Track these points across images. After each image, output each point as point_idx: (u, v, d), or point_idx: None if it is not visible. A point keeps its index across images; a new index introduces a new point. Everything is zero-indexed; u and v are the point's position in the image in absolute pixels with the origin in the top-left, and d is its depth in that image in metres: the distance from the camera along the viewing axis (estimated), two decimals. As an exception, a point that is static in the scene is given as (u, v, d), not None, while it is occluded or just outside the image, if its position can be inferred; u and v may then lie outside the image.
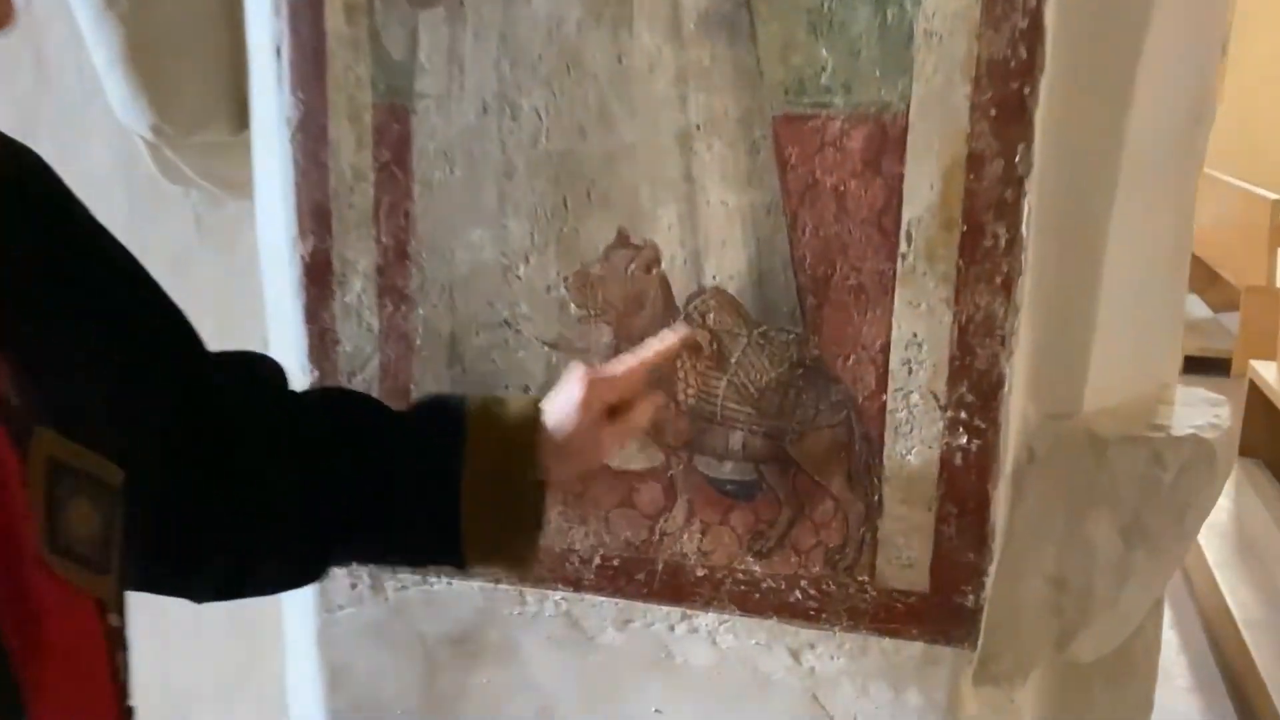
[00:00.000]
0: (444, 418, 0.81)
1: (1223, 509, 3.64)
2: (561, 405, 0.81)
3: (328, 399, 0.86)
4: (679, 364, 0.97)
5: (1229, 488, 3.77)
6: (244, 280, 1.44)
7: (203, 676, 1.61)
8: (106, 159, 1.45)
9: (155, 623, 0.74)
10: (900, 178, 0.88)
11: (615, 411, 0.83)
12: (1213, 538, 3.42)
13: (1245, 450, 4.10)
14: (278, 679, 1.53)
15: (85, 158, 1.44)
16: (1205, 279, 6.88)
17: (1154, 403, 1.04)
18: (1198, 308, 6.84)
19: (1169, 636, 3.15)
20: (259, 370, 0.81)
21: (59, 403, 0.57)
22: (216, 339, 1.50)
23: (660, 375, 0.94)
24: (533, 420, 0.81)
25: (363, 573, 1.10)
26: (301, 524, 0.76)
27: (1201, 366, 5.75)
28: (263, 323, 1.43)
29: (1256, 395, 4.00)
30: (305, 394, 0.84)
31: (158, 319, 0.73)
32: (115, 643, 0.59)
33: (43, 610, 0.53)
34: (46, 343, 0.60)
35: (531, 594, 1.07)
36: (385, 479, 0.78)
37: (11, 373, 0.55)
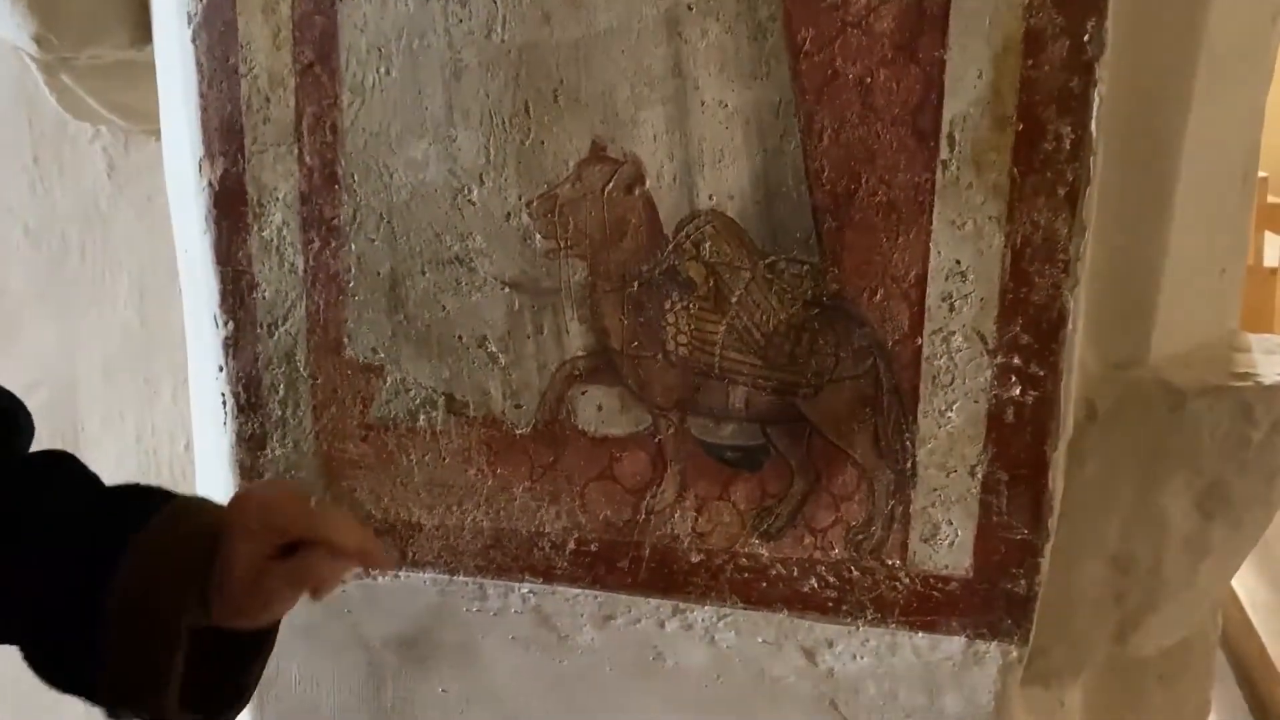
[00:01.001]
0: (112, 524, 0.58)
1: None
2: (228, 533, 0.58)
3: (26, 472, 0.61)
4: (668, 305, 0.80)
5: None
6: (166, 232, 1.26)
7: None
8: (4, 98, 1.26)
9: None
10: (941, 65, 0.71)
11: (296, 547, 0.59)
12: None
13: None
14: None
15: (-27, 96, 1.25)
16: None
17: (1229, 349, 0.88)
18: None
19: (1173, 623, 3.03)
20: None
21: None
22: (138, 295, 1.33)
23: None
24: (208, 539, 0.58)
25: (291, 565, 0.92)
26: None
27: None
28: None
29: (1253, 373, 3.89)
30: (25, 460, 0.61)
31: None
32: None
33: None
34: None
35: (494, 586, 0.90)
36: (39, 577, 0.57)
37: None
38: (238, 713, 0.62)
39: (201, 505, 0.61)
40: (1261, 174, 5.10)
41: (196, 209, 0.87)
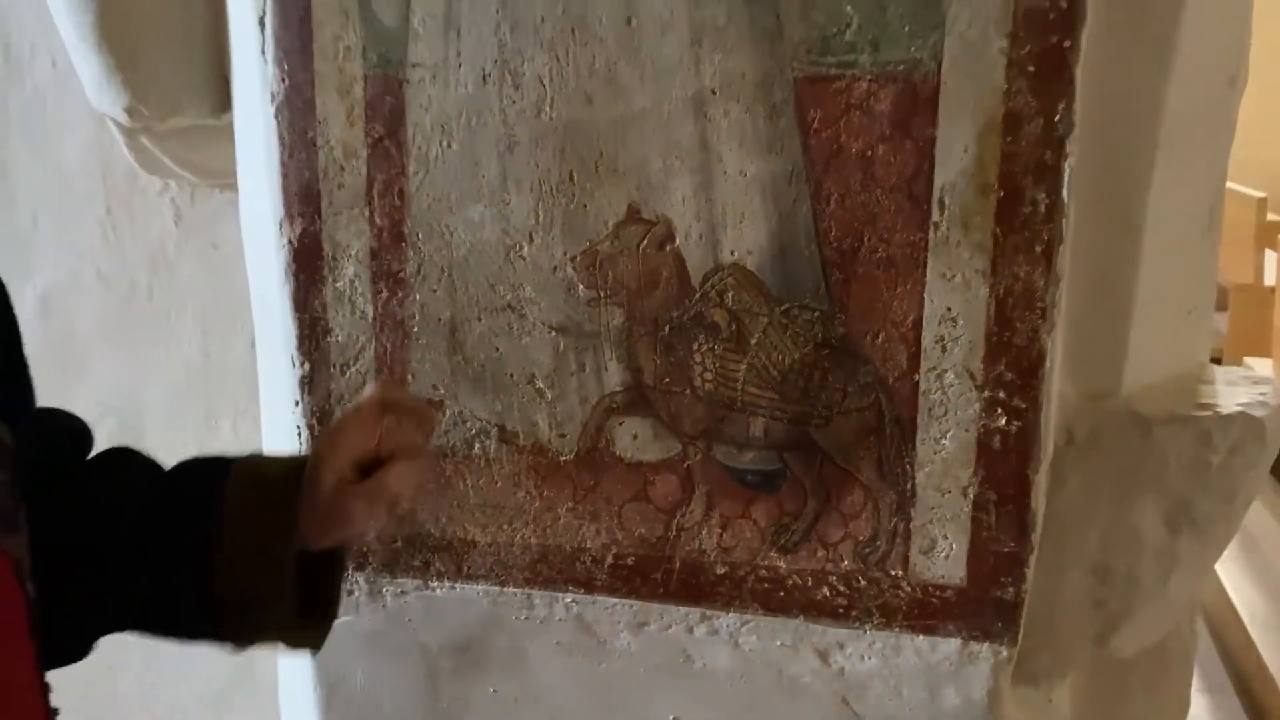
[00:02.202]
0: (201, 485, 0.68)
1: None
2: (331, 465, 0.67)
3: (102, 468, 0.71)
4: (697, 350, 0.91)
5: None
6: (228, 276, 1.37)
7: (191, 693, 1.53)
8: (81, 152, 1.38)
9: (143, 640, 0.67)
10: (932, 141, 0.82)
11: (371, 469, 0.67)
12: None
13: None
14: (268, 695, 1.46)
15: (58, 151, 1.38)
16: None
17: (1195, 381, 0.99)
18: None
19: (1174, 636, 3.10)
20: (53, 426, 0.69)
21: None
22: (201, 337, 1.44)
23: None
24: (292, 484, 0.67)
25: (359, 578, 1.03)
26: (66, 593, 0.63)
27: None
28: (246, 320, 1.37)
29: (1251, 392, 3.98)
30: (92, 463, 0.71)
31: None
32: (33, 615, 0.55)
33: None
34: None
35: (540, 597, 1.00)
36: (139, 548, 0.67)
37: None
38: (332, 624, 0.72)
39: (270, 456, 0.72)
40: (1260, 194, 5.18)
41: (276, 263, 0.98)
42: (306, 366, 0.99)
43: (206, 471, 0.69)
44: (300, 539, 0.66)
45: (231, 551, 0.65)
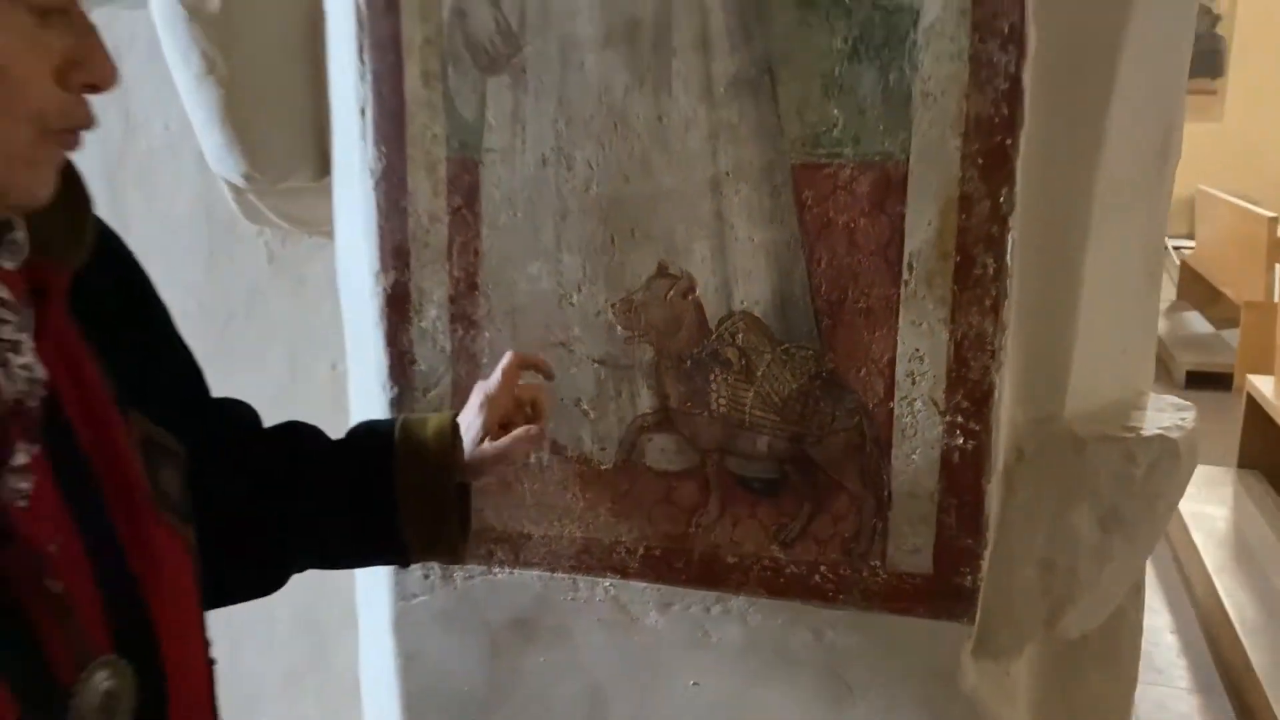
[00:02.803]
0: (376, 442, 0.97)
1: (1220, 518, 3.77)
2: (468, 423, 0.99)
3: (281, 435, 0.97)
4: (714, 380, 1.12)
5: (1228, 498, 3.90)
6: (313, 309, 1.60)
7: (271, 669, 1.76)
8: (188, 202, 1.61)
9: (226, 616, 0.87)
10: (902, 216, 1.03)
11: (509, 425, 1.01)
12: (1211, 545, 3.54)
13: (1244, 462, 4.24)
14: (342, 671, 1.68)
15: (169, 201, 1.61)
16: (1207, 295, 7.01)
17: (1129, 408, 1.19)
18: (1200, 324, 6.96)
19: (1170, 640, 3.28)
20: (235, 412, 0.94)
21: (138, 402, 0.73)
22: (287, 363, 1.67)
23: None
24: (449, 436, 0.97)
25: (434, 565, 1.24)
26: (259, 539, 0.90)
27: (1203, 381, 5.89)
28: (327, 347, 1.59)
29: (1254, 409, 4.12)
30: (267, 431, 0.96)
31: (185, 361, 0.88)
32: (199, 586, 0.75)
33: (155, 547, 0.70)
34: (122, 352, 0.75)
35: (583, 581, 1.22)
36: (330, 496, 0.94)
37: (111, 381, 0.71)
38: (469, 537, 1.02)
39: (424, 416, 1.00)
40: (1270, 213, 5.31)
41: (371, 306, 1.20)
42: (395, 390, 1.21)
43: (378, 430, 0.97)
44: (456, 477, 0.94)
45: (407, 491, 0.93)
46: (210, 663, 0.79)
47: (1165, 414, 1.17)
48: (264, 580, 0.93)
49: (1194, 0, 1.27)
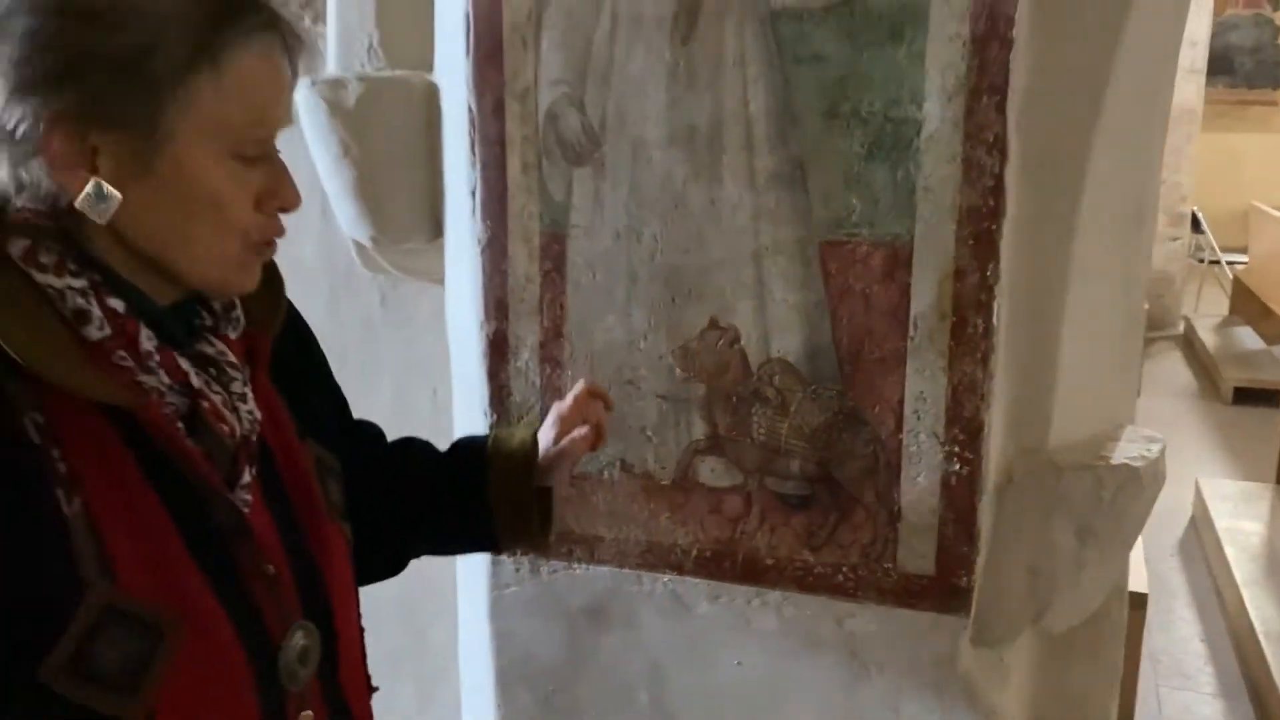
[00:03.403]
0: (473, 452, 1.22)
1: (1255, 533, 3.91)
2: (545, 435, 1.21)
3: (401, 448, 1.23)
4: (755, 413, 1.38)
5: (1264, 513, 4.04)
6: (417, 344, 1.88)
7: (375, 652, 2.04)
8: (313, 251, 1.91)
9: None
10: (908, 285, 1.28)
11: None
12: (1244, 559, 3.69)
13: (1282, 478, 4.36)
14: (435, 655, 1.96)
15: (299, 252, 1.90)
16: (1259, 311, 7.06)
17: (1105, 440, 1.41)
18: (1251, 340, 7.01)
19: (1199, 648, 3.45)
20: (368, 432, 1.21)
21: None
22: (395, 390, 1.96)
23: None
24: (530, 447, 1.19)
25: (524, 560, 1.51)
26: (387, 531, 1.15)
27: (1251, 398, 5.97)
28: (428, 376, 1.88)
29: (1291, 426, 4.25)
30: (391, 445, 1.23)
31: (338, 396, 1.15)
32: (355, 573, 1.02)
33: (327, 541, 0.96)
34: (301, 396, 1.02)
35: (646, 576, 1.48)
36: (438, 496, 1.19)
37: (293, 417, 0.98)
38: (553, 529, 1.23)
39: (510, 430, 1.25)
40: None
41: (476, 348, 1.47)
42: (494, 417, 1.48)
43: (475, 443, 1.22)
44: (537, 479, 1.18)
45: (496, 492, 1.17)
46: (362, 628, 1.06)
47: (1135, 445, 1.40)
48: (390, 565, 1.20)
49: (1168, 90, 1.50)
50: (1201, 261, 8.44)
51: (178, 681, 0.81)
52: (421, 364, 1.86)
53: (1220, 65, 11.72)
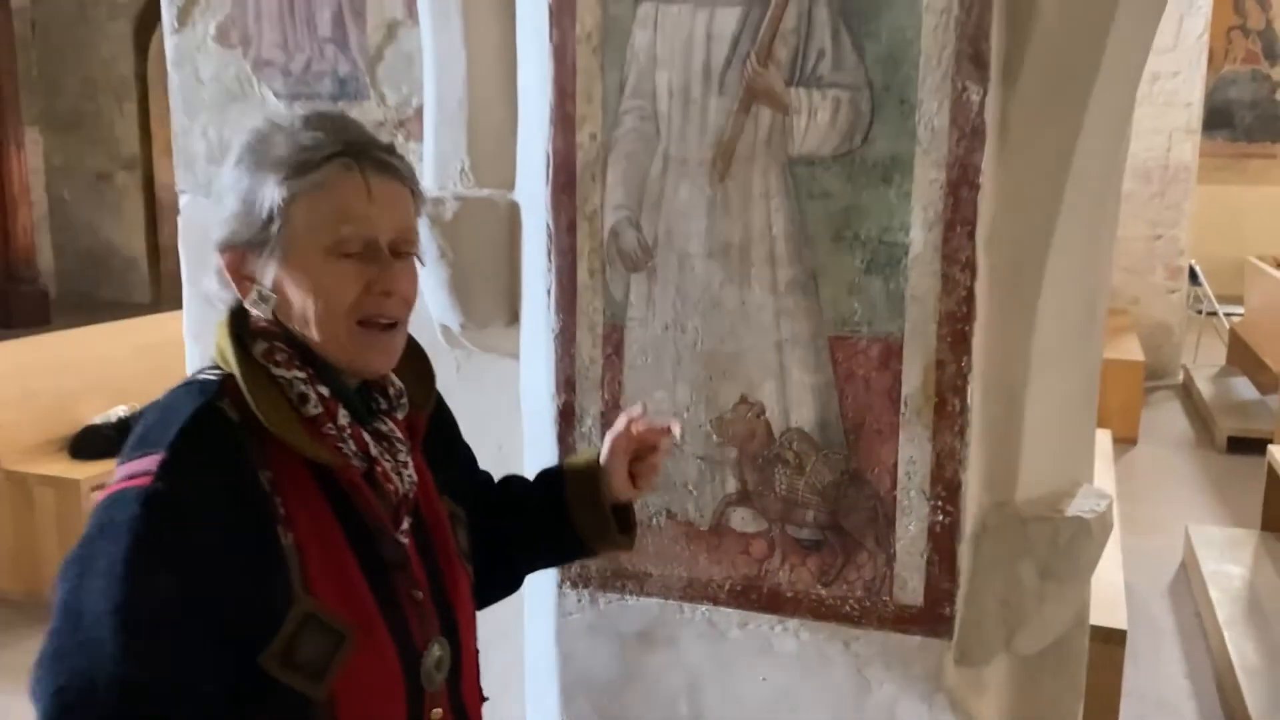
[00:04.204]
0: (551, 473, 1.48)
1: (1238, 576, 4.19)
2: (606, 462, 1.40)
3: (505, 485, 1.51)
4: (777, 472, 1.70)
5: (1247, 557, 4.32)
6: (488, 406, 2.21)
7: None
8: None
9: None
10: (899, 373, 1.60)
11: (635, 461, 1.40)
12: (1226, 601, 3.97)
13: (1267, 525, 4.64)
14: (499, 671, 2.26)
15: (388, 327, 2.24)
16: (1254, 362, 7.34)
17: (1064, 496, 1.73)
18: (1247, 390, 7.28)
19: (1184, 684, 3.72)
20: (483, 478, 1.51)
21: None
22: (474, 447, 2.28)
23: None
24: (593, 458, 1.41)
25: (585, 592, 1.83)
26: (504, 554, 1.46)
27: (1244, 447, 6.23)
28: (495, 434, 2.20)
29: (1274, 476, 4.53)
30: (498, 484, 1.50)
31: (468, 455, 1.46)
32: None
33: (457, 579, 1.27)
34: (441, 462, 1.34)
35: (687, 606, 1.79)
36: (534, 516, 1.45)
37: (436, 478, 1.29)
38: (635, 535, 1.46)
39: (585, 454, 1.50)
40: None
41: (548, 417, 1.80)
42: (562, 474, 1.80)
43: (551, 469, 1.50)
44: (609, 496, 1.41)
45: (572, 499, 1.42)
46: (477, 649, 1.37)
47: (1087, 500, 1.71)
48: (508, 583, 1.49)
49: (1113, 203, 1.83)
50: (1200, 313, 8.73)
51: (351, 673, 1.12)
52: (489, 423, 2.18)
53: (1220, 119, 12.12)
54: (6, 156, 10.24)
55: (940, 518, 1.63)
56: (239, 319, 1.15)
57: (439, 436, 1.36)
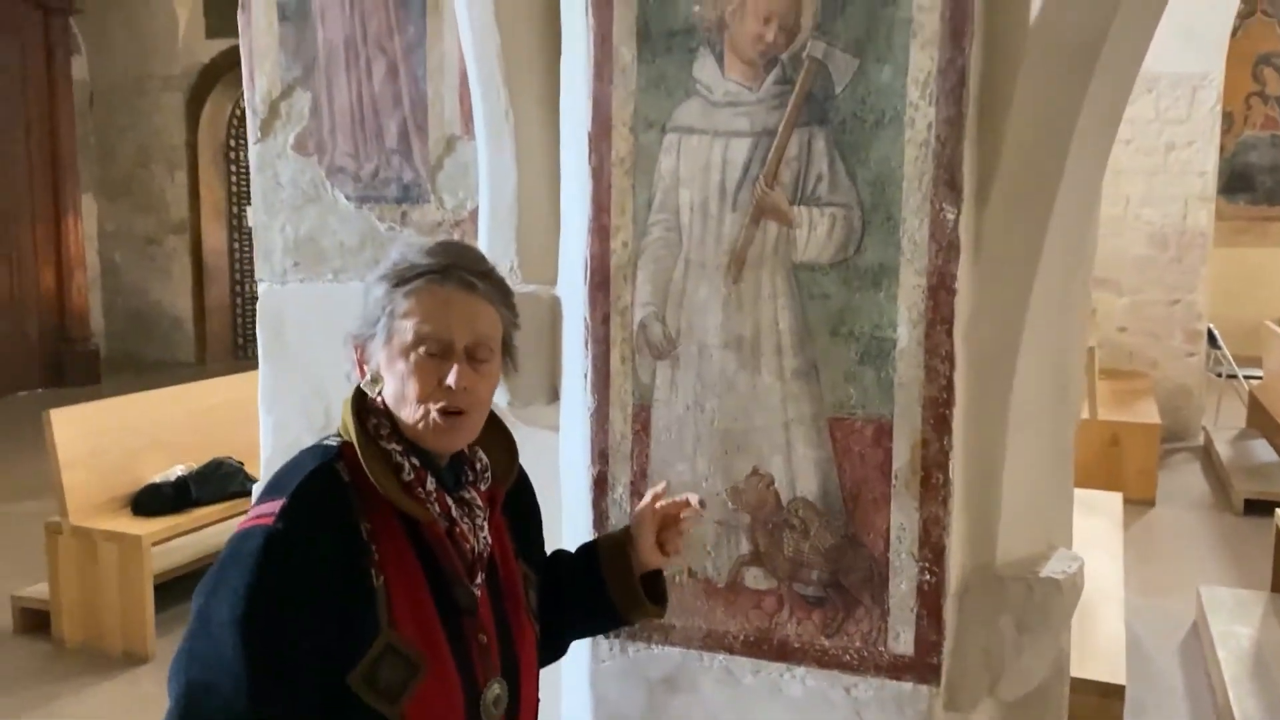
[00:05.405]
0: (588, 547, 1.70)
1: (1245, 636, 4.32)
2: (634, 532, 1.59)
3: (555, 558, 1.73)
4: (785, 536, 1.94)
5: (1255, 619, 4.46)
6: (533, 475, 2.47)
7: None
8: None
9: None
10: (890, 450, 1.84)
11: (663, 530, 1.60)
12: (1232, 660, 4.11)
13: (1277, 586, 4.77)
14: (543, 708, 2.48)
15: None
16: (1273, 427, 7.47)
17: (1039, 559, 1.95)
18: (1266, 453, 7.39)
19: (1188, 738, 3.84)
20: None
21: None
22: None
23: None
24: (624, 533, 1.62)
25: (617, 642, 2.06)
26: (557, 623, 1.69)
27: (1261, 509, 6.35)
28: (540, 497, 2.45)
29: (1281, 538, 4.68)
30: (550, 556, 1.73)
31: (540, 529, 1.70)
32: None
33: (523, 631, 1.52)
34: (521, 530, 1.58)
35: (706, 655, 2.02)
36: (577, 591, 1.67)
37: (513, 542, 1.54)
38: (667, 602, 1.67)
39: (613, 533, 1.74)
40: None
41: (584, 485, 2.05)
42: (596, 533, 2.05)
43: (590, 545, 1.72)
44: (639, 567, 1.65)
45: (609, 570, 1.64)
46: (538, 697, 1.59)
47: (1060, 563, 1.94)
48: (555, 650, 1.73)
49: (1082, 296, 2.07)
50: (1219, 376, 8.87)
51: (421, 699, 1.35)
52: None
53: (1240, 183, 12.35)
54: (64, 222, 10.77)
55: (928, 577, 1.85)
56: (360, 397, 1.42)
57: (522, 507, 1.60)
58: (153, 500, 4.73)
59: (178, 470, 4.90)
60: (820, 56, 1.81)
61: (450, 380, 1.35)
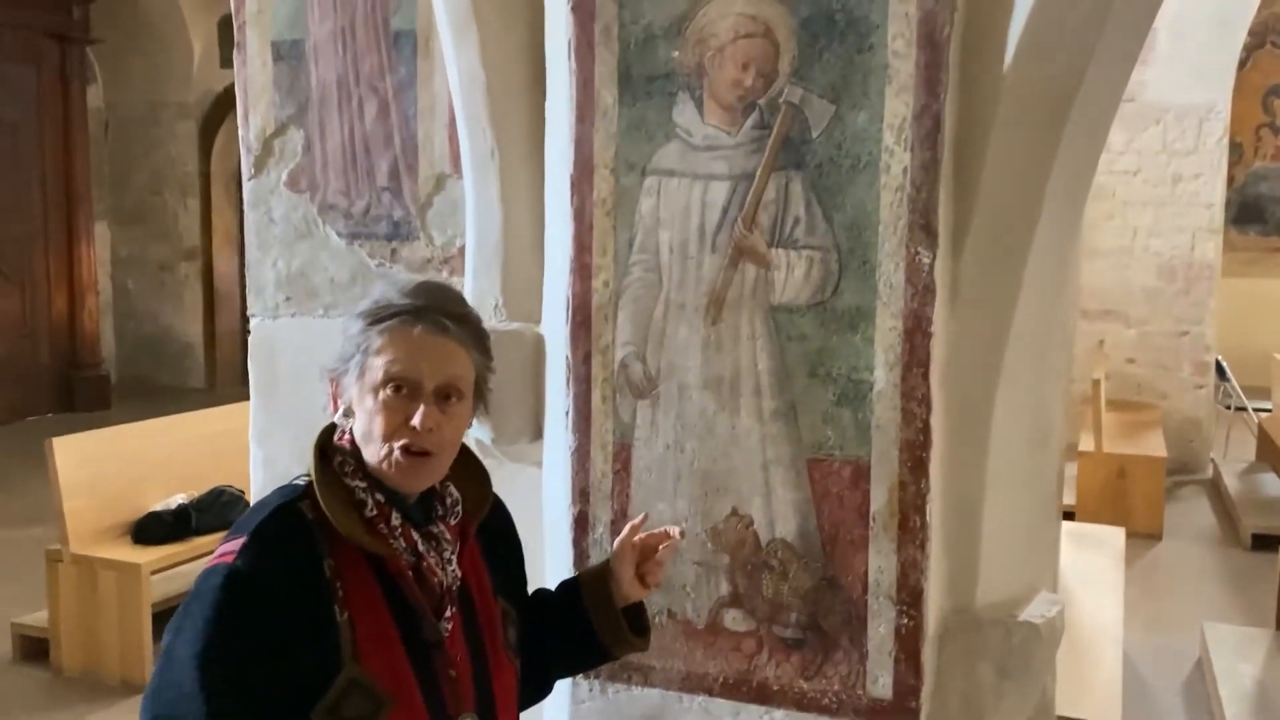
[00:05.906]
0: (570, 583, 1.68)
1: (1248, 674, 4.27)
2: (613, 565, 1.57)
3: (536, 595, 1.71)
4: (764, 577, 1.93)
5: (1259, 656, 4.41)
6: (516, 510, 2.47)
7: None
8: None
9: None
10: (868, 492, 1.84)
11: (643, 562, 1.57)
12: (1234, 699, 4.06)
13: (1280, 624, 4.71)
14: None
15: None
16: (1281, 459, 7.39)
17: (1020, 601, 1.94)
18: (1274, 487, 7.33)
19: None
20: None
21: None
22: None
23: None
24: (604, 568, 1.59)
25: (596, 682, 2.06)
26: (535, 660, 1.68)
27: (1269, 544, 6.28)
28: (523, 534, 2.46)
29: (1286, 576, 4.63)
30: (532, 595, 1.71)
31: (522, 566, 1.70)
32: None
33: (501, 668, 1.52)
34: (500, 566, 1.59)
35: (685, 697, 2.01)
36: (560, 626, 1.66)
37: (491, 578, 1.55)
38: (649, 635, 1.64)
39: (595, 567, 1.73)
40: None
41: (565, 524, 2.06)
42: (576, 569, 2.05)
43: (573, 581, 1.70)
44: (621, 600, 1.62)
45: (590, 604, 1.62)
46: None
47: (1040, 606, 1.92)
48: (540, 688, 1.72)
49: (1062, 337, 2.07)
50: (1228, 408, 8.81)
51: None
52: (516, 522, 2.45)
53: (1251, 214, 12.33)
54: (77, 249, 10.89)
55: (906, 621, 1.85)
56: (326, 435, 1.44)
57: (501, 544, 1.61)
58: (153, 528, 4.75)
59: (179, 499, 4.92)
60: (797, 102, 1.83)
61: (416, 421, 1.36)
